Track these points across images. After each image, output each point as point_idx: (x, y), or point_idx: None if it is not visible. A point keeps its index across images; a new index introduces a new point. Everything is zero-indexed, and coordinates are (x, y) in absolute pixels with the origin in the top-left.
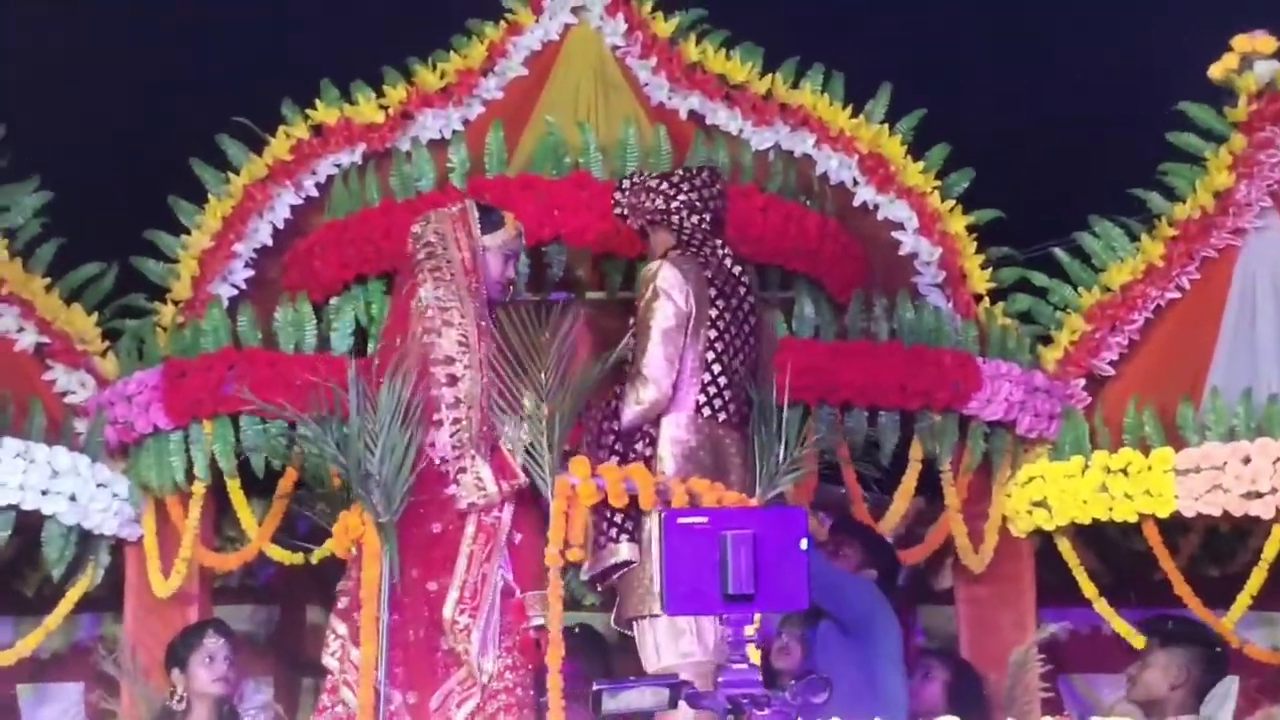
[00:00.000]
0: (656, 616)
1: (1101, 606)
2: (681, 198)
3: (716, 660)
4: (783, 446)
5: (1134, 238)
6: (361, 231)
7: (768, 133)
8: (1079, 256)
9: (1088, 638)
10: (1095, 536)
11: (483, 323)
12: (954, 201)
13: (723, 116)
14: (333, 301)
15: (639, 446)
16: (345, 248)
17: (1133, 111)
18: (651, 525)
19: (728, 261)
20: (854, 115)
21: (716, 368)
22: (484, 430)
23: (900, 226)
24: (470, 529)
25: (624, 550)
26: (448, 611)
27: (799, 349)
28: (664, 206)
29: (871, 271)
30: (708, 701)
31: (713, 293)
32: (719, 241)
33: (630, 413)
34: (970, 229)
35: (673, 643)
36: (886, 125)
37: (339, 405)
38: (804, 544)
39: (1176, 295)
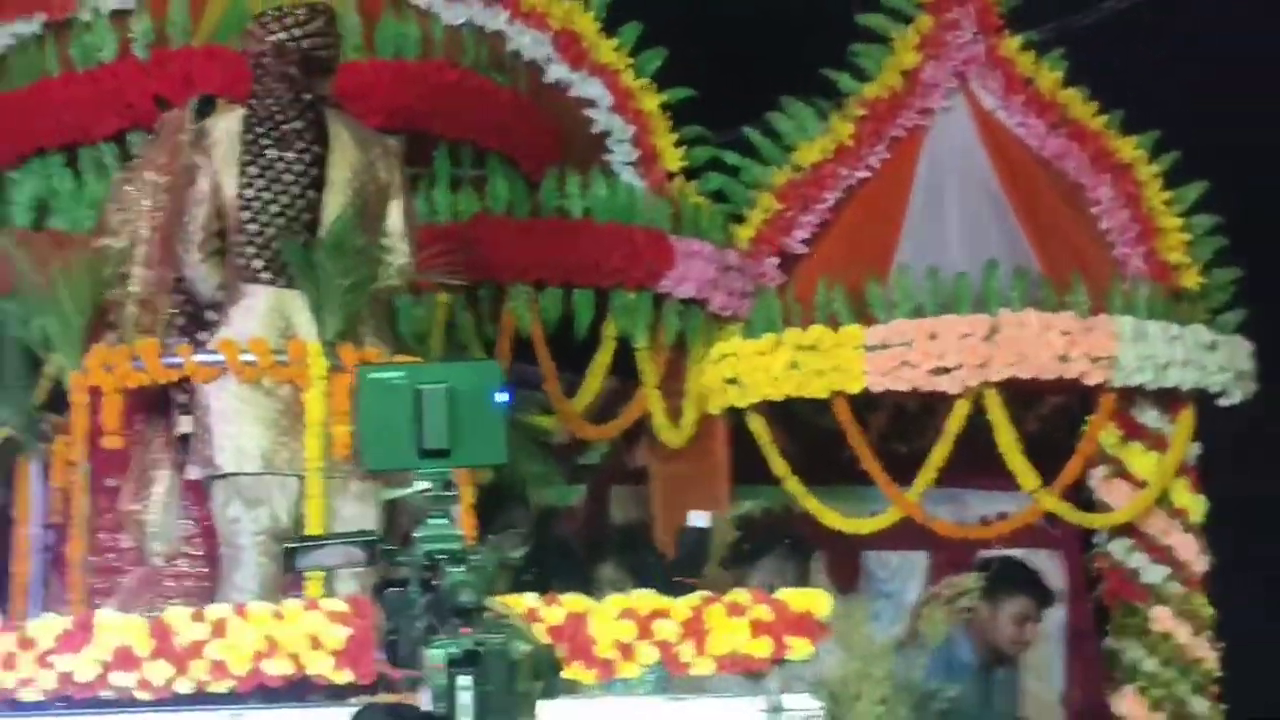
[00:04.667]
0: (214, 480)
1: (792, 485)
2: (271, 39)
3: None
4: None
5: (824, 117)
6: (40, 103)
7: (459, 8)
8: (771, 136)
9: (779, 515)
10: (787, 414)
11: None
12: (647, 80)
13: None
14: (11, 175)
15: (209, 315)
16: (24, 119)
17: None
18: (199, 394)
19: (291, 113)
20: None
21: (251, 226)
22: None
23: (593, 104)
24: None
25: (184, 424)
26: (121, 503)
27: (492, 226)
28: (255, 49)
29: (565, 149)
30: (404, 557)
31: (239, 149)
32: (283, 87)
33: (193, 285)
34: (663, 107)
35: (221, 510)
36: (580, 2)
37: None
38: (500, 397)
39: (866, 174)
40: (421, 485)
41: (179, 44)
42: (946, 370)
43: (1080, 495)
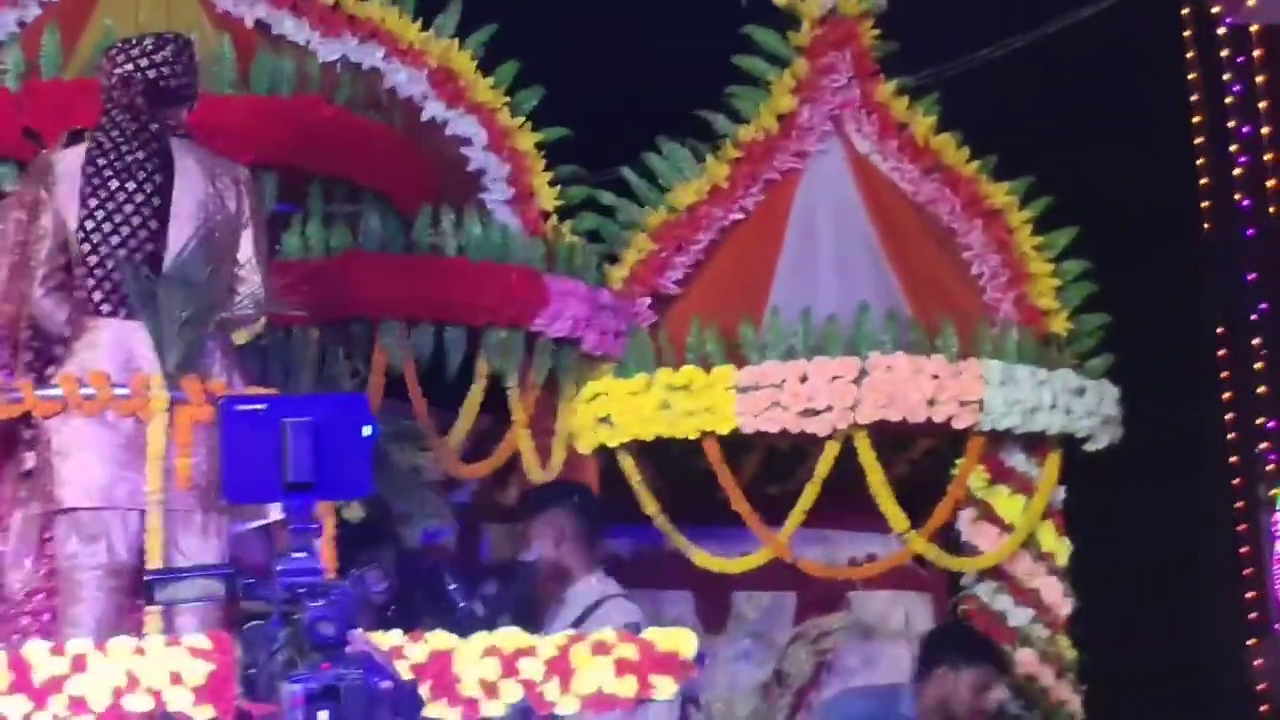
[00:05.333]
0: (55, 515)
1: (661, 522)
2: (119, 70)
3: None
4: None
5: (700, 159)
6: None
7: (335, 44)
8: (646, 176)
9: (649, 554)
10: (659, 455)
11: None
12: (523, 119)
13: (289, 26)
14: None
15: (57, 350)
16: None
17: (699, 34)
18: (42, 429)
19: (135, 143)
20: (424, 29)
21: (92, 258)
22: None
23: (469, 142)
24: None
25: (29, 459)
26: None
27: (364, 262)
28: (105, 83)
29: (440, 186)
30: (264, 591)
31: (80, 181)
32: (127, 116)
33: (39, 320)
34: (539, 146)
35: (61, 546)
36: (457, 40)
37: None
38: (366, 431)
39: (740, 216)
40: (274, 516)
41: (50, 76)
42: (816, 412)
43: (948, 537)
